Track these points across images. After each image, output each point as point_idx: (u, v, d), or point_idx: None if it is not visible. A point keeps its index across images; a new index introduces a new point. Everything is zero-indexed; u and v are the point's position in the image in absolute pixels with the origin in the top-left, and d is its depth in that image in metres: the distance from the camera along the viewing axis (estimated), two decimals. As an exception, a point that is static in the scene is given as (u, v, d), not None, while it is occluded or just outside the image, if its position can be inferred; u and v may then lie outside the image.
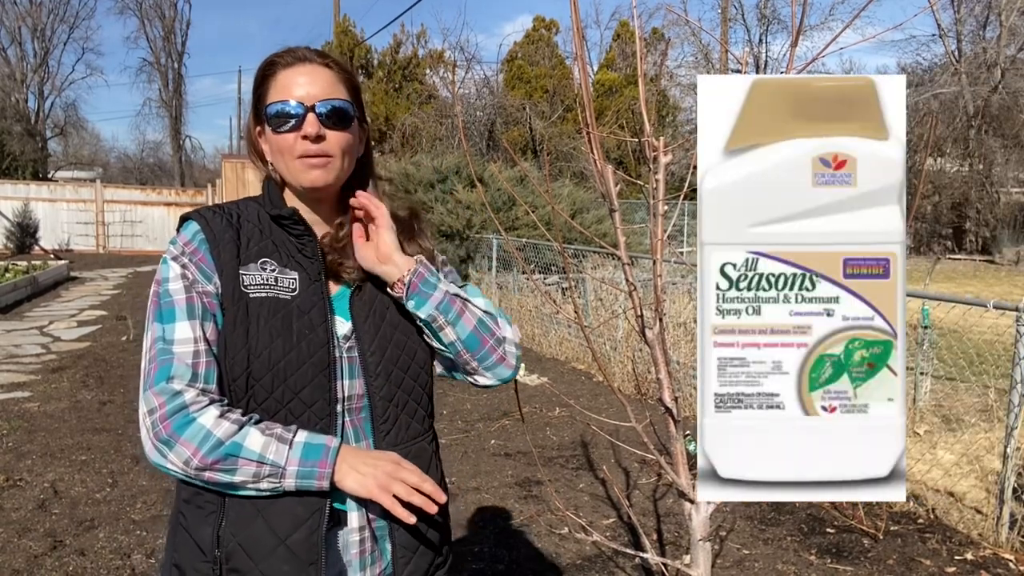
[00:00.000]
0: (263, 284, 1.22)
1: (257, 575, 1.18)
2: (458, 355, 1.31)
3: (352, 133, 1.27)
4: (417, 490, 1.18)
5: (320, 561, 1.20)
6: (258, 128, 1.29)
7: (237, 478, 1.14)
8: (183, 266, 1.21)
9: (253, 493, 1.16)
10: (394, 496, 1.16)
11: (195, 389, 1.16)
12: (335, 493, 1.20)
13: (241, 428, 1.14)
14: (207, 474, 1.14)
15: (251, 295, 1.21)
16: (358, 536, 1.27)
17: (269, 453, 1.14)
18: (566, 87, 21.48)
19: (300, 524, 1.19)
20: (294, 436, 1.16)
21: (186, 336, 1.17)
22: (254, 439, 1.14)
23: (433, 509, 1.18)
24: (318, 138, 1.22)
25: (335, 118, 1.24)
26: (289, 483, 1.15)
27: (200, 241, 1.23)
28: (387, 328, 1.30)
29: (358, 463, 1.17)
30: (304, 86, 1.23)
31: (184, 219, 1.28)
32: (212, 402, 1.16)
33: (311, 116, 1.22)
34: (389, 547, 1.31)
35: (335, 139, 1.24)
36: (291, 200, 1.31)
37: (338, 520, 1.25)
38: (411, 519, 1.16)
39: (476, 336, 1.30)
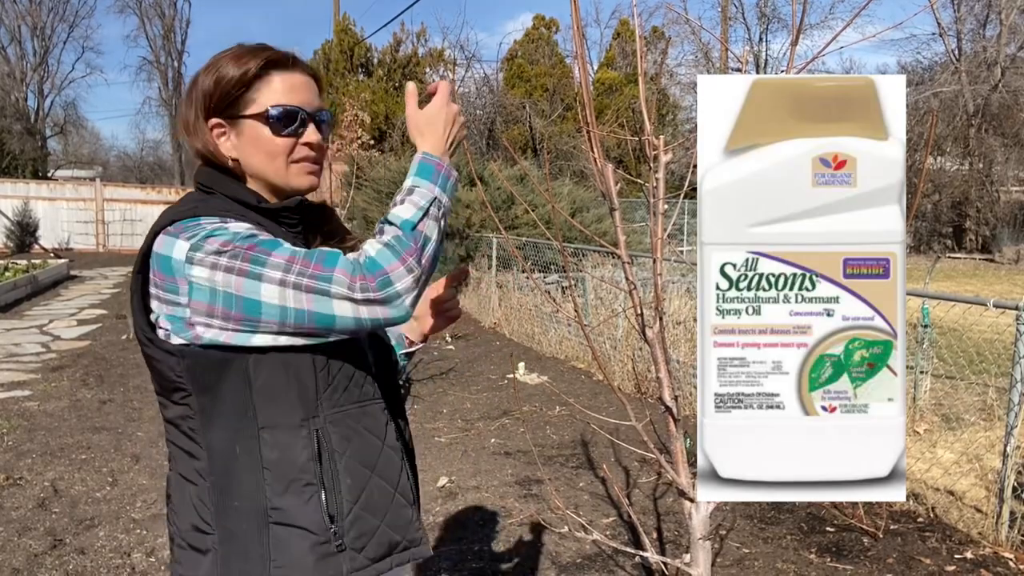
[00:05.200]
0: None
1: (383, 531, 1.26)
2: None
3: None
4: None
5: (417, 500, 1.35)
6: (216, 120, 1.25)
7: (433, 235, 1.16)
8: (239, 221, 1.17)
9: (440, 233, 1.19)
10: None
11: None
12: None
13: (388, 221, 1.16)
14: (423, 258, 1.13)
15: None
16: None
17: (419, 202, 1.16)
18: (566, 86, 21.47)
19: (400, 470, 1.30)
20: (405, 186, 1.19)
21: (297, 248, 1.15)
22: (402, 210, 1.16)
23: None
24: (320, 147, 1.28)
25: (326, 128, 1.30)
26: (447, 201, 1.20)
27: (235, 222, 1.18)
28: None
29: (441, 139, 1.24)
30: (303, 91, 1.27)
31: (184, 217, 1.18)
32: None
33: (313, 125, 1.27)
34: None
35: (323, 148, 1.31)
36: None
37: None
38: None
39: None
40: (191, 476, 1.23)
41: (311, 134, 1.26)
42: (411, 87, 1.28)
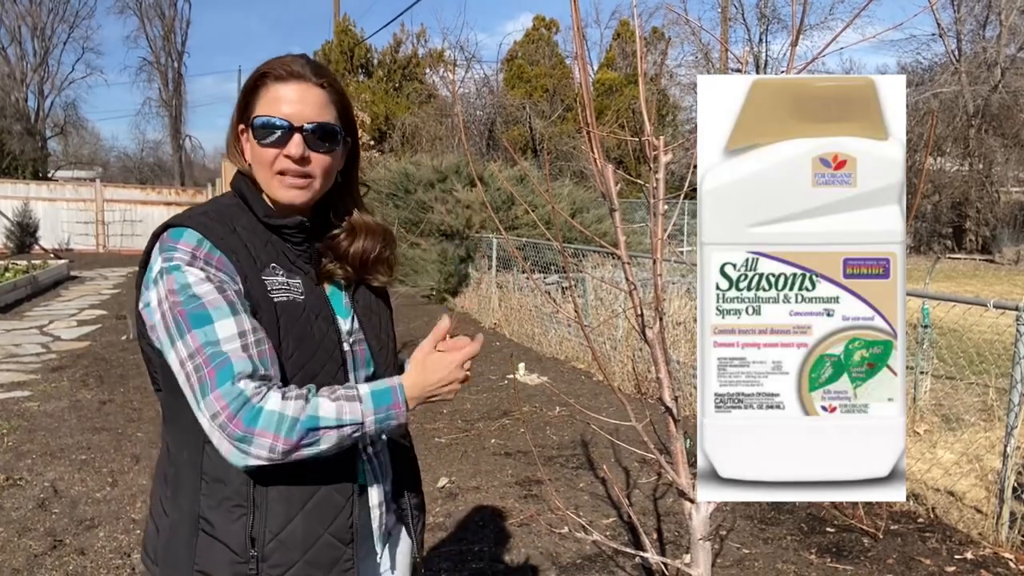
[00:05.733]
0: (281, 288, 1.25)
1: (301, 566, 1.25)
2: None
3: (335, 155, 1.30)
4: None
5: (356, 540, 1.30)
6: (241, 126, 1.30)
7: (323, 446, 1.16)
8: (202, 269, 1.17)
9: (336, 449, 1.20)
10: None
11: (255, 380, 1.14)
12: (359, 472, 1.32)
13: (308, 401, 1.16)
14: (295, 455, 1.15)
15: (275, 299, 1.23)
16: (378, 511, 1.38)
17: (345, 415, 1.16)
18: (566, 86, 21.48)
19: (339, 511, 1.27)
20: (358, 391, 1.19)
21: (231, 333, 1.14)
22: (326, 407, 1.16)
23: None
24: (302, 159, 1.24)
25: (321, 140, 1.26)
26: (371, 430, 1.20)
27: (211, 247, 1.19)
28: (384, 324, 1.43)
29: (425, 387, 1.25)
30: (294, 104, 1.24)
31: (176, 226, 1.21)
32: (270, 388, 1.15)
33: (297, 137, 1.23)
34: (402, 525, 1.47)
35: (318, 161, 1.26)
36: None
37: (361, 493, 1.34)
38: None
39: None
40: (163, 461, 1.33)
41: (293, 146, 1.22)
42: (445, 321, 1.30)
